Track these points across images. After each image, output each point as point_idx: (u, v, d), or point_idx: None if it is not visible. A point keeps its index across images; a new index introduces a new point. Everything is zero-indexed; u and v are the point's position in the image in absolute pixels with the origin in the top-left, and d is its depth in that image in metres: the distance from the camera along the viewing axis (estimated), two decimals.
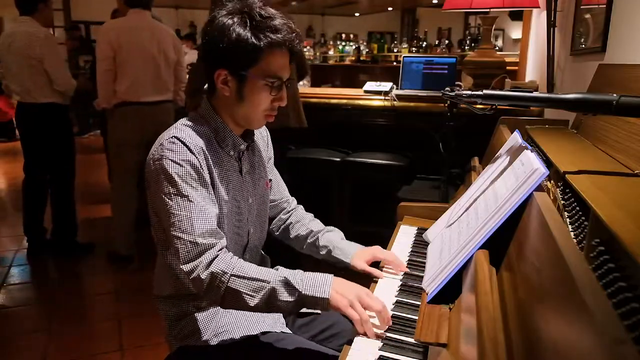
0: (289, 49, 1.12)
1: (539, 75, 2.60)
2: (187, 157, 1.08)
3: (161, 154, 1.08)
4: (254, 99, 1.13)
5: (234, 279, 1.03)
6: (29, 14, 3.01)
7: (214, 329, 1.18)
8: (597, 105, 0.88)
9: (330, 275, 1.05)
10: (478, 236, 0.97)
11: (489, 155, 1.57)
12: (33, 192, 3.21)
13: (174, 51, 3.07)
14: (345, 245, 1.32)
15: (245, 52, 1.07)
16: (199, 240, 1.05)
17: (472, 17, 9.70)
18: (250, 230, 1.27)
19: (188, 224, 1.05)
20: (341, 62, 8.58)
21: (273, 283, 1.03)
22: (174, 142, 1.08)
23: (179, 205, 1.06)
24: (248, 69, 1.09)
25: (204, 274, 1.03)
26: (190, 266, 1.04)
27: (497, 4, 2.52)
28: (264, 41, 1.07)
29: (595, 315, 0.46)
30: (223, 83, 1.12)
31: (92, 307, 2.69)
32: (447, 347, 0.86)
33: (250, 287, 1.03)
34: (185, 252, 1.04)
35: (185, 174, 1.07)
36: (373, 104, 2.87)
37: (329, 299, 1.01)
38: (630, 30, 1.45)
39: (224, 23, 1.08)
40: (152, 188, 1.11)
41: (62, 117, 3.17)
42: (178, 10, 11.08)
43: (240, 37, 1.06)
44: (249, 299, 1.03)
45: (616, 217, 0.65)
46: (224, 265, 1.04)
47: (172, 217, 1.06)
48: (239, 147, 1.21)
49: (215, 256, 1.05)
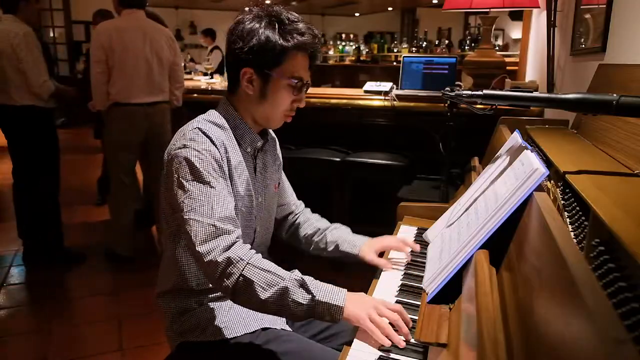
0: (310, 53, 1.18)
1: (539, 75, 2.60)
2: (209, 148, 1.11)
3: (184, 143, 1.11)
4: (276, 99, 1.17)
5: (250, 268, 1.02)
6: (12, 12, 2.89)
7: (215, 325, 1.18)
8: (597, 105, 0.88)
9: (344, 289, 1.04)
10: (478, 236, 0.97)
11: (489, 155, 1.58)
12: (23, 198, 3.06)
13: (169, 51, 3.05)
14: (354, 238, 1.35)
15: (273, 52, 1.13)
16: (218, 223, 1.05)
17: (472, 17, 9.71)
18: (257, 228, 1.29)
19: (208, 207, 1.06)
20: (341, 62, 8.59)
21: (288, 281, 1.02)
22: (197, 133, 1.12)
23: (200, 191, 1.08)
24: (273, 69, 1.14)
25: (220, 257, 1.02)
26: (208, 247, 1.03)
27: (497, 4, 2.52)
28: (291, 42, 1.13)
29: (595, 315, 0.46)
30: (248, 82, 1.16)
31: (92, 307, 2.69)
32: (447, 347, 0.86)
33: (265, 279, 1.01)
34: (203, 233, 1.04)
35: (207, 163, 1.10)
36: (373, 104, 2.87)
37: (344, 307, 0.99)
38: (630, 30, 1.45)
39: (252, 25, 1.13)
40: (170, 177, 1.12)
41: (43, 120, 2.99)
42: (178, 10, 11.09)
43: (269, 38, 1.12)
44: (260, 291, 1.01)
45: (616, 217, 0.65)
46: (242, 253, 1.04)
47: (193, 202, 1.07)
48: (256, 145, 1.25)
49: (234, 242, 1.05)
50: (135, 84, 2.94)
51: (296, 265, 1.20)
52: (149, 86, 2.99)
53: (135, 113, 2.96)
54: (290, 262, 1.23)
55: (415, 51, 7.52)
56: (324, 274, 1.07)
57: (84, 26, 9.07)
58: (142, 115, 2.98)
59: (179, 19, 11.10)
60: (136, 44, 2.91)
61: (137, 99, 2.96)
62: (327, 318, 1.01)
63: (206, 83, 3.93)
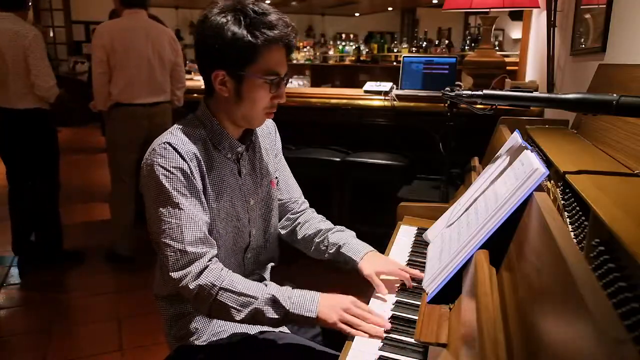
0: (285, 45, 1.10)
1: (539, 75, 2.60)
2: (178, 164, 1.06)
3: (152, 160, 1.07)
4: (254, 98, 1.11)
5: (222, 293, 1.03)
6: (14, 10, 2.78)
7: (213, 329, 1.18)
8: (597, 105, 0.88)
9: (317, 294, 1.05)
10: (478, 236, 0.97)
11: (489, 155, 1.57)
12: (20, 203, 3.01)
13: (170, 51, 3.05)
14: (357, 244, 1.25)
15: (242, 51, 1.05)
16: (189, 248, 1.04)
17: (472, 17, 9.70)
18: (252, 231, 1.26)
19: (178, 231, 1.05)
20: (341, 62, 8.59)
21: (260, 300, 1.03)
22: (165, 147, 1.07)
23: (169, 213, 1.05)
24: (245, 68, 1.07)
25: (192, 284, 1.03)
26: (179, 274, 1.04)
27: (497, 4, 2.52)
28: (261, 39, 1.05)
29: (595, 315, 0.46)
30: (221, 84, 1.10)
31: (92, 307, 2.69)
32: (447, 347, 0.86)
33: (238, 302, 1.03)
34: (174, 260, 1.04)
35: (176, 181, 1.06)
36: (373, 104, 2.87)
37: (316, 318, 1.02)
38: (630, 30, 1.45)
39: (217, 22, 1.05)
40: (144, 192, 1.11)
41: (44, 123, 2.93)
42: (178, 10, 11.08)
43: (236, 36, 1.04)
44: (235, 313, 1.03)
45: (616, 217, 0.65)
46: (213, 278, 1.04)
47: (162, 224, 1.05)
48: (236, 150, 1.20)
49: (205, 267, 1.05)
50: (137, 84, 2.93)
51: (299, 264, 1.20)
52: (151, 86, 2.99)
53: (136, 113, 2.96)
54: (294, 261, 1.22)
55: (415, 51, 7.51)
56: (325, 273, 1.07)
57: (84, 26, 9.07)
58: (144, 116, 2.98)
59: (179, 19, 11.09)
60: (138, 44, 2.90)
61: (139, 99, 2.95)
62: (305, 325, 1.05)
63: None
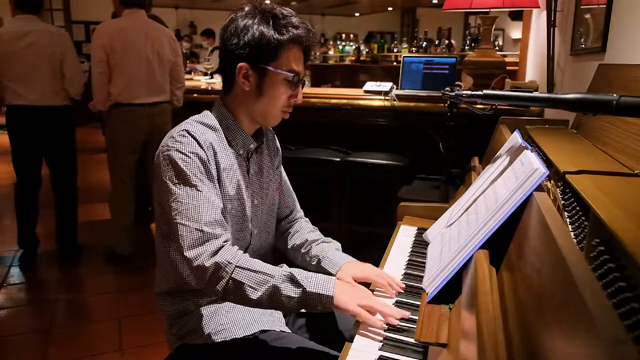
0: (304, 47, 1.18)
1: (539, 75, 2.60)
2: (195, 150, 1.10)
3: (170, 146, 1.11)
4: (273, 94, 1.17)
5: (238, 270, 1.03)
6: (36, 13, 2.92)
7: (214, 327, 1.18)
8: (597, 105, 0.88)
9: (333, 277, 1.07)
10: (478, 236, 0.97)
11: (489, 155, 1.57)
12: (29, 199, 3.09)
13: (170, 51, 3.05)
14: (336, 256, 1.26)
15: (268, 46, 1.12)
16: (205, 228, 1.06)
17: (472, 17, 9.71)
18: (253, 231, 1.27)
19: (195, 211, 1.06)
20: (341, 62, 8.60)
21: (278, 277, 1.04)
22: (184, 135, 1.12)
23: (187, 194, 1.08)
24: (269, 62, 1.14)
25: (208, 262, 1.03)
26: (195, 252, 1.04)
27: (497, 4, 2.52)
28: (286, 36, 1.13)
29: (595, 315, 0.46)
30: (244, 77, 1.15)
31: (92, 307, 2.69)
32: (447, 347, 0.86)
33: (254, 279, 1.03)
34: (190, 239, 1.05)
35: (194, 166, 1.10)
36: (373, 104, 2.87)
37: (333, 296, 1.02)
38: (630, 30, 1.45)
39: (245, 22, 1.13)
40: (159, 179, 1.13)
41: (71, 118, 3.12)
42: (178, 10, 11.09)
43: (263, 31, 1.12)
44: (251, 291, 1.03)
45: (616, 217, 0.65)
46: (230, 256, 1.05)
47: (179, 205, 1.07)
48: (249, 147, 1.23)
49: (221, 246, 1.06)
50: (136, 84, 2.94)
51: None
52: (150, 86, 2.99)
53: (136, 113, 2.96)
54: None
55: (415, 51, 7.52)
56: None
57: (84, 26, 9.07)
58: (143, 116, 2.98)
59: (179, 19, 11.10)
60: (137, 44, 2.91)
61: (139, 99, 2.96)
62: (318, 308, 1.03)
63: (206, 83, 3.93)
